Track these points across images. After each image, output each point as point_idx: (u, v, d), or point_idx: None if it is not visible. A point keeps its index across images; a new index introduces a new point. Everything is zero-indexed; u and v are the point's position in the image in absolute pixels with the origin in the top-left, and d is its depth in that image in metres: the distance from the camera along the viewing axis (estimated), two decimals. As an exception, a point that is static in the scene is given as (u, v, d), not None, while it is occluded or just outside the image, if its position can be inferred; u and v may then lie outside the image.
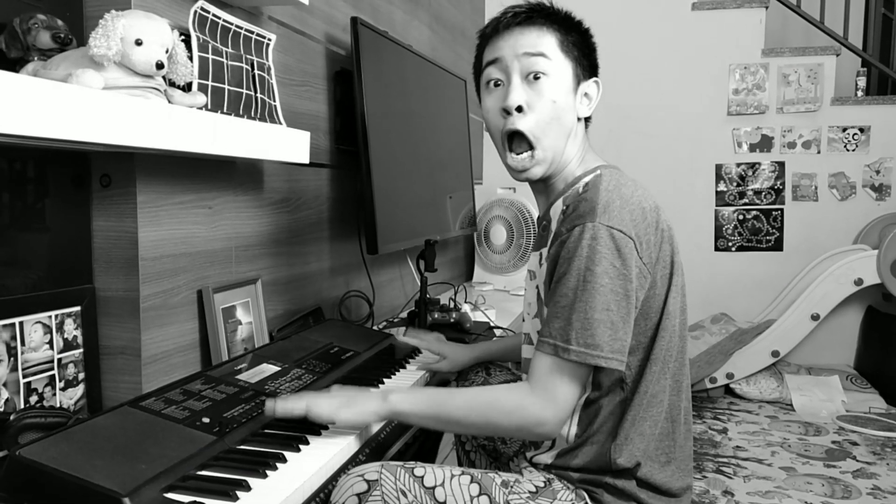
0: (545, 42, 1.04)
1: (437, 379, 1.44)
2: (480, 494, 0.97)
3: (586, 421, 1.04)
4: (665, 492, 1.04)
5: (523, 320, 1.17)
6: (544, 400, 0.96)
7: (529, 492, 1.00)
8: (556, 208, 1.07)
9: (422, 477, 0.96)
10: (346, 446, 1.00)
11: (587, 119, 1.14)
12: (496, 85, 1.08)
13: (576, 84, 1.07)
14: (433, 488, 0.96)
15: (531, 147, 1.06)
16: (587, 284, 0.94)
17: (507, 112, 1.05)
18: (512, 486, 1.00)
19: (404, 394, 1.04)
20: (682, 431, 1.07)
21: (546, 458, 1.08)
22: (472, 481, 0.98)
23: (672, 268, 1.04)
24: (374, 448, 1.08)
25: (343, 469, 0.98)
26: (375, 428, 1.10)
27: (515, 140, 1.07)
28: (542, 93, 1.04)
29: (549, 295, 0.99)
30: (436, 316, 1.82)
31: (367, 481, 0.94)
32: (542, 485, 1.02)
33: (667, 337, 1.03)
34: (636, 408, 1.02)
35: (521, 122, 1.04)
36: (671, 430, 1.05)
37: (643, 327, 1.02)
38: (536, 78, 1.04)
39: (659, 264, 1.02)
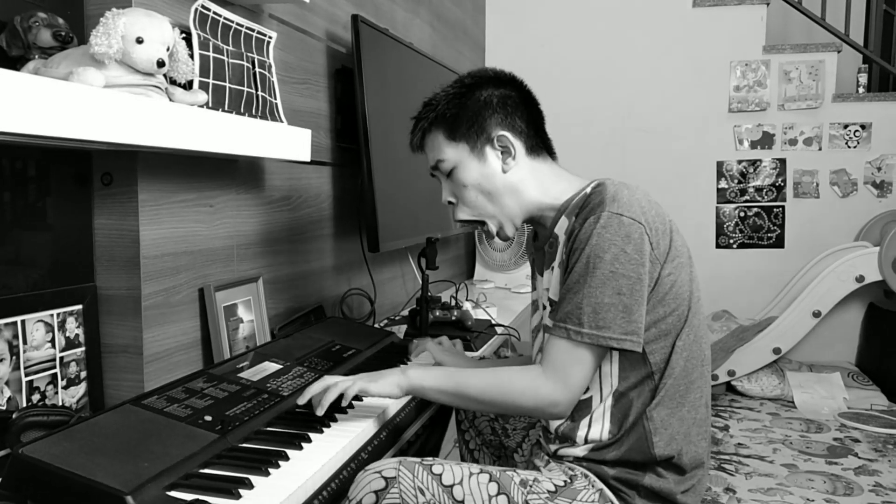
0: (436, 147, 1.15)
1: None
2: (499, 494, 0.97)
3: (619, 416, 1.05)
4: (697, 466, 1.06)
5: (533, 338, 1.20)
6: (556, 381, 1.00)
7: (549, 491, 1.00)
8: (561, 226, 1.09)
9: (440, 475, 0.96)
10: (348, 444, 1.00)
11: (542, 151, 1.16)
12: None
13: (479, 154, 1.12)
14: (451, 486, 0.96)
15: (481, 223, 1.17)
16: (596, 270, 0.98)
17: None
18: (531, 486, 0.99)
19: (423, 370, 1.10)
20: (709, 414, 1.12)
21: (579, 451, 1.07)
22: (490, 480, 0.98)
23: (689, 258, 1.08)
24: (376, 447, 1.08)
25: (346, 467, 0.98)
26: (374, 430, 1.11)
27: (471, 224, 1.19)
28: (459, 182, 1.14)
29: (565, 280, 1.03)
30: (437, 314, 1.82)
31: (385, 478, 0.94)
32: (562, 483, 1.02)
33: (695, 325, 1.06)
34: (670, 397, 1.03)
35: (458, 213, 1.18)
36: (707, 415, 1.09)
37: (674, 317, 1.03)
38: (449, 175, 1.15)
39: (673, 252, 1.04)
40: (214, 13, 1.20)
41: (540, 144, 1.16)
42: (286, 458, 0.91)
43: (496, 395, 1.04)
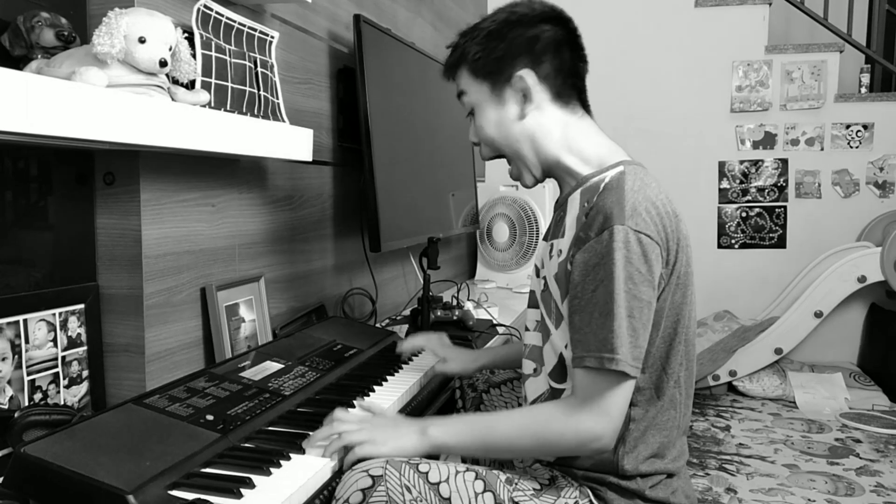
0: (461, 79, 1.13)
1: (439, 379, 1.44)
2: (485, 491, 0.97)
3: None
4: (669, 475, 1.04)
5: (528, 307, 1.17)
6: (597, 414, 0.94)
7: (534, 489, 1.00)
8: (574, 200, 1.05)
9: (426, 473, 0.96)
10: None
11: (573, 101, 1.10)
12: None
13: (499, 95, 1.09)
14: (438, 484, 0.96)
15: (509, 161, 1.15)
16: (623, 291, 0.93)
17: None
18: (516, 484, 0.99)
19: (443, 425, 1.02)
20: (683, 432, 1.08)
21: (548, 456, 1.08)
22: (476, 478, 0.98)
23: (690, 277, 1.04)
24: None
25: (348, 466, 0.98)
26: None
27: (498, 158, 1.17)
28: (479, 123, 1.13)
29: (580, 303, 0.96)
30: (438, 314, 1.82)
31: (372, 477, 0.94)
32: (546, 482, 1.02)
33: (681, 348, 1.03)
34: (647, 417, 1.02)
35: (483, 153, 1.16)
36: (680, 434, 1.06)
37: (665, 337, 1.01)
38: (471, 114, 1.14)
39: (676, 273, 1.01)
40: (217, 13, 1.21)
41: (570, 93, 1.09)
42: (288, 457, 0.91)
43: (531, 439, 0.99)
